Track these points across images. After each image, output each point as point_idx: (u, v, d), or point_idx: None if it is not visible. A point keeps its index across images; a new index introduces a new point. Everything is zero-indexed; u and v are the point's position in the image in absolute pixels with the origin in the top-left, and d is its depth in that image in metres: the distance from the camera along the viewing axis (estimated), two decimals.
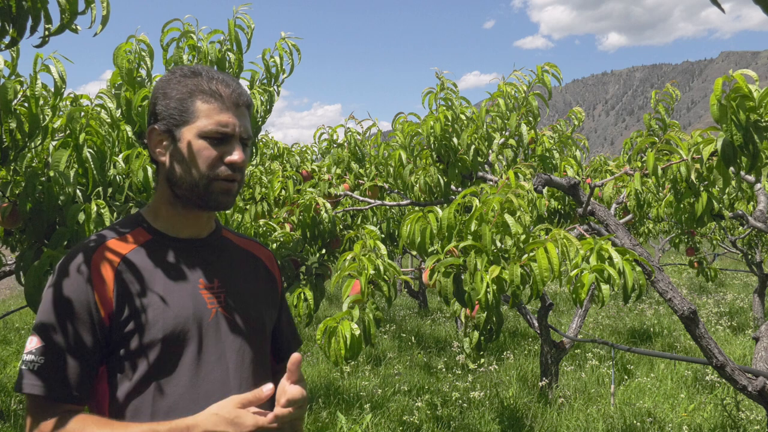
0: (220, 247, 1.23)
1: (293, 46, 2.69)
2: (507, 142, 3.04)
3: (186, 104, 1.11)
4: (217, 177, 1.10)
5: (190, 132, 1.10)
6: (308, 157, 4.38)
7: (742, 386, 2.24)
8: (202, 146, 1.10)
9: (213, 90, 1.11)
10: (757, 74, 1.94)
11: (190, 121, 1.11)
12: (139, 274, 1.08)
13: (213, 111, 1.11)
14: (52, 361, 1.01)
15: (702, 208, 2.33)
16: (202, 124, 1.10)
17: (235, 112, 1.12)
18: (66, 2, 1.45)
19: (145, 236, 1.14)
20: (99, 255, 1.08)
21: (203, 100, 1.11)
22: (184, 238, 1.17)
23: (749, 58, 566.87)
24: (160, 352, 1.06)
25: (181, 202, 1.15)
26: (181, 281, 1.12)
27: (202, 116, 1.10)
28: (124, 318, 1.05)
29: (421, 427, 4.25)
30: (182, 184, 1.12)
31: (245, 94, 1.16)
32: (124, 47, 2.25)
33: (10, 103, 1.84)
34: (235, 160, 1.10)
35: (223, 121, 1.10)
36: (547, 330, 4.92)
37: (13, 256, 2.65)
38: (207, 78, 1.13)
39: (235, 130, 1.11)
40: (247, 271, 1.25)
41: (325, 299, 9.72)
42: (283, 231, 3.00)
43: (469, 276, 1.80)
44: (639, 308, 9.04)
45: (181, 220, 1.17)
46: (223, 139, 1.11)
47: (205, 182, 1.10)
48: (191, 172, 1.10)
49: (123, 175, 2.18)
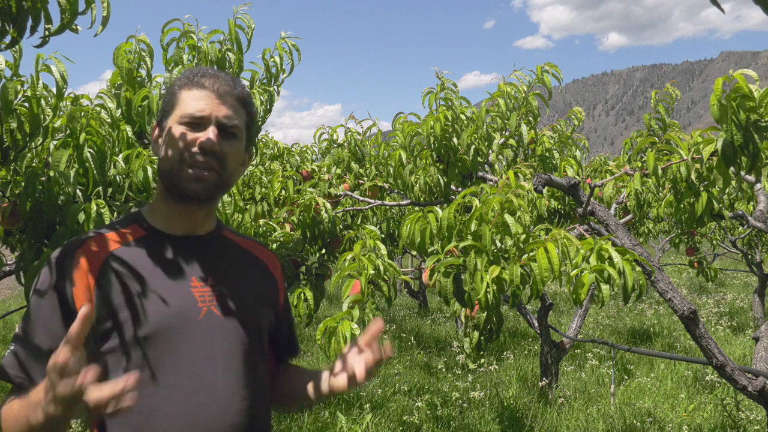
0: (219, 246, 1.21)
1: (293, 46, 2.69)
2: (507, 142, 3.04)
3: (172, 95, 1.14)
4: (190, 163, 1.09)
5: (173, 120, 1.12)
6: (308, 157, 4.37)
7: (742, 386, 2.24)
8: (178, 131, 1.11)
9: (197, 81, 1.13)
10: (757, 74, 1.94)
11: (173, 110, 1.13)
12: (126, 270, 1.07)
13: (192, 98, 1.12)
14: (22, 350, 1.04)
15: (702, 208, 2.33)
16: (180, 111, 1.12)
17: (216, 101, 1.12)
18: (66, 2, 1.45)
19: (139, 232, 1.14)
20: (83, 250, 1.08)
21: (186, 90, 1.13)
22: (179, 236, 1.16)
23: (749, 58, 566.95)
24: (145, 349, 1.04)
25: (171, 197, 1.15)
26: (172, 278, 1.10)
27: (182, 104, 1.12)
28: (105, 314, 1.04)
29: (421, 427, 4.25)
30: (163, 173, 1.14)
31: (238, 88, 1.16)
32: (124, 47, 2.25)
33: (11, 103, 1.84)
34: (203, 140, 1.09)
35: (200, 107, 1.11)
36: (547, 330, 4.92)
37: (13, 256, 2.65)
38: (200, 73, 1.14)
39: (211, 114, 1.11)
40: (245, 272, 1.23)
41: (325, 299, 9.72)
42: (283, 231, 3.00)
43: (469, 276, 1.80)
44: (639, 308, 9.04)
45: (176, 216, 1.16)
46: (200, 124, 1.11)
47: (177, 167, 1.10)
48: (167, 158, 1.11)
49: (123, 175, 2.18)
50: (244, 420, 1.11)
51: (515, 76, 2.96)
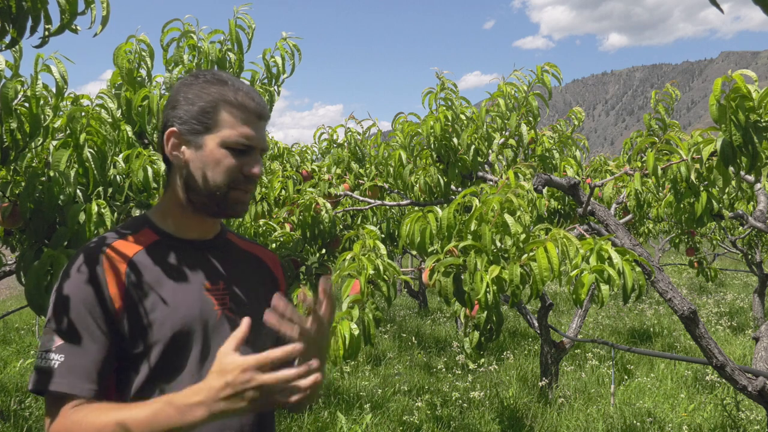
0: (225, 249, 1.23)
1: (294, 46, 2.69)
2: (507, 142, 3.04)
3: (211, 112, 1.12)
4: (235, 187, 1.13)
5: (213, 141, 1.12)
6: (308, 157, 4.38)
7: (742, 386, 2.24)
8: (223, 155, 1.12)
9: (239, 102, 1.13)
10: (756, 74, 1.94)
11: (213, 129, 1.12)
12: (147, 275, 1.09)
13: (237, 122, 1.12)
14: (70, 358, 1.01)
15: (702, 208, 2.33)
16: (226, 134, 1.11)
17: (257, 125, 1.14)
18: (66, 2, 1.45)
19: (151, 237, 1.15)
20: (106, 256, 1.08)
21: (228, 110, 1.12)
22: (191, 240, 1.18)
23: (749, 58, 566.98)
24: (166, 352, 1.06)
25: (193, 207, 1.16)
26: (188, 282, 1.13)
27: (226, 126, 1.12)
28: (132, 319, 1.06)
29: (421, 427, 4.25)
30: (200, 191, 1.13)
31: (266, 108, 1.18)
32: (124, 47, 2.26)
33: (11, 103, 1.85)
34: (256, 173, 1.13)
35: (247, 134, 1.12)
36: (547, 330, 4.93)
37: (13, 256, 2.65)
38: (233, 89, 1.14)
39: (257, 143, 1.14)
40: (251, 274, 1.25)
41: None
42: (283, 231, 3.00)
43: (469, 276, 1.80)
44: (639, 308, 9.05)
45: (189, 222, 1.18)
46: (245, 151, 1.13)
47: (224, 191, 1.12)
48: (211, 180, 1.12)
49: (123, 175, 2.18)
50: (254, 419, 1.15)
51: (515, 76, 2.96)
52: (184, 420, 0.94)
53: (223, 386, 0.93)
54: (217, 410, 0.93)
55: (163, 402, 0.96)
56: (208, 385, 0.94)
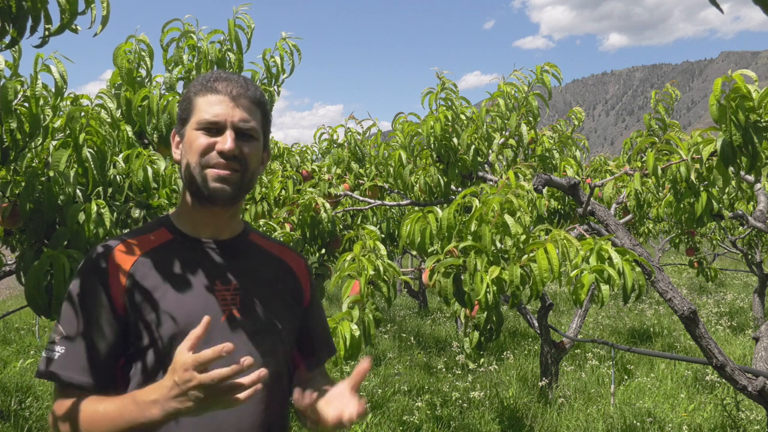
0: (244, 250, 1.23)
1: (294, 46, 2.69)
2: (507, 142, 3.04)
3: (188, 104, 1.17)
4: (208, 165, 1.12)
5: (190, 127, 1.15)
6: (308, 157, 4.38)
7: (742, 386, 2.24)
8: (196, 136, 1.13)
9: (210, 86, 1.15)
10: (756, 74, 1.94)
11: (190, 118, 1.15)
12: (154, 273, 1.11)
13: (208, 103, 1.14)
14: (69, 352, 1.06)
15: (702, 208, 2.33)
16: (197, 116, 1.14)
17: (231, 104, 1.14)
18: (66, 2, 1.45)
19: (166, 236, 1.17)
20: (115, 253, 1.12)
21: (200, 96, 1.15)
22: (205, 239, 1.18)
23: (749, 58, 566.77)
24: (168, 350, 1.06)
25: (197, 201, 1.17)
26: (196, 281, 1.13)
27: (199, 111, 1.14)
28: (135, 315, 1.08)
29: (421, 427, 4.25)
30: (185, 178, 1.16)
31: (251, 90, 1.17)
32: (124, 47, 2.25)
33: (11, 103, 1.84)
34: (223, 148, 1.11)
35: (215, 112, 1.13)
36: (547, 330, 4.93)
37: (13, 256, 2.65)
38: (214, 78, 1.16)
39: (226, 120, 1.13)
40: (270, 276, 1.24)
41: (325, 299, 9.72)
42: (283, 231, 3.00)
43: (469, 276, 1.80)
44: (639, 308, 9.04)
45: (201, 220, 1.18)
46: (217, 129, 1.13)
47: (199, 170, 1.13)
48: (190, 163, 1.14)
49: (123, 175, 2.18)
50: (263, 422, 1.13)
51: (515, 76, 2.96)
52: (144, 416, 0.97)
53: (172, 385, 0.94)
54: (170, 409, 0.94)
55: (129, 398, 1.00)
56: (162, 383, 0.96)
